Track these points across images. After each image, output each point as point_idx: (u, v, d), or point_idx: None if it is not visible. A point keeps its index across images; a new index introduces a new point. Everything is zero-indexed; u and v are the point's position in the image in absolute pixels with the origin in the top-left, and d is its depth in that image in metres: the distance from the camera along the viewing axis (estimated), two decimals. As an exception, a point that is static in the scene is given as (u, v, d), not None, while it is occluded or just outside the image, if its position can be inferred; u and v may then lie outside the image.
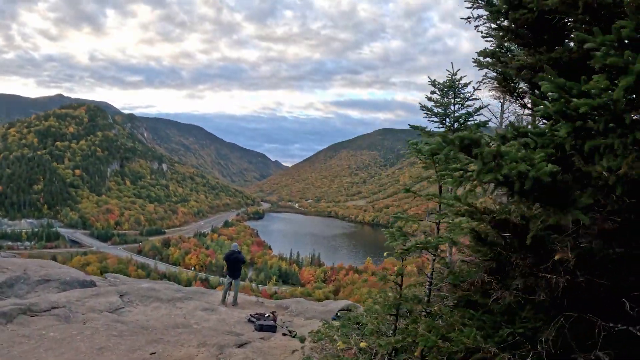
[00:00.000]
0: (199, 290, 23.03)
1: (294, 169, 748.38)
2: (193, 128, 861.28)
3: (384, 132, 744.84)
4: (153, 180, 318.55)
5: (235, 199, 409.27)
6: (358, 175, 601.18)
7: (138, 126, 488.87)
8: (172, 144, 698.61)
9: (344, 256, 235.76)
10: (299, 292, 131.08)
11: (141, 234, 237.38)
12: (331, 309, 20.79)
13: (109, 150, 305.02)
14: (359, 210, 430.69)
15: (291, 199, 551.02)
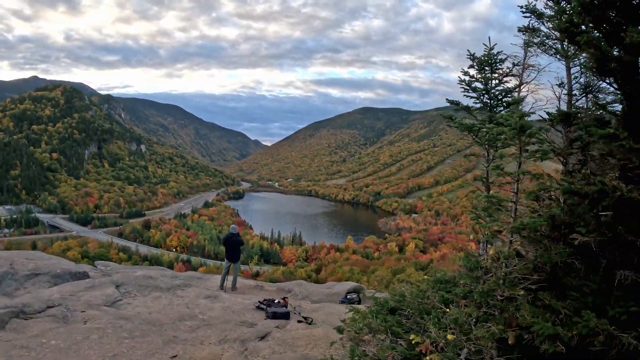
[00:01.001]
0: (195, 275, 22.13)
1: (273, 148, 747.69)
2: (171, 108, 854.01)
3: (364, 111, 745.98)
4: (132, 161, 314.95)
5: (215, 179, 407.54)
6: (338, 154, 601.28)
7: (115, 107, 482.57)
8: (150, 125, 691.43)
9: (324, 235, 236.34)
10: (280, 272, 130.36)
11: (121, 216, 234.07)
12: (337, 291, 20.02)
13: (86, 132, 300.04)
14: (339, 189, 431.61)
15: (271, 178, 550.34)
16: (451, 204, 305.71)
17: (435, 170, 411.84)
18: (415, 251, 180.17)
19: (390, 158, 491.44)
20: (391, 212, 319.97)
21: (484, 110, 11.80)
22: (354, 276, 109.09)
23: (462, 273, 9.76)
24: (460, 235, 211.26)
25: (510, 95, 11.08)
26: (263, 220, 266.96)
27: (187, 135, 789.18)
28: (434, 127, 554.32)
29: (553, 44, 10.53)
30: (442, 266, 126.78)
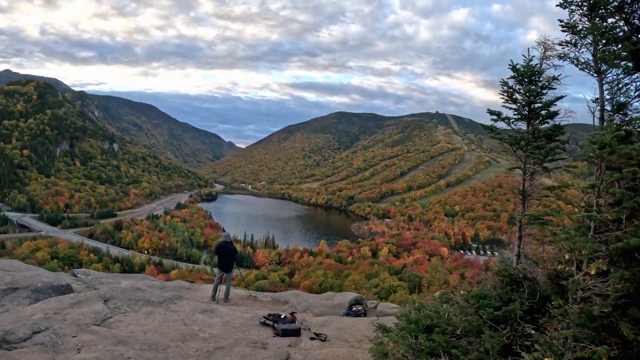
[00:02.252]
0: (183, 285, 20.80)
1: (247, 150, 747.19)
2: (146, 107, 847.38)
3: (339, 116, 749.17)
4: (104, 160, 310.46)
5: (188, 180, 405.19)
6: (312, 157, 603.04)
7: (89, 104, 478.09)
8: (124, 123, 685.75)
9: (298, 238, 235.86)
10: (253, 275, 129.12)
11: (92, 216, 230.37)
12: (339, 302, 18.84)
13: (59, 129, 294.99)
14: (313, 192, 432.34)
15: (244, 180, 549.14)
16: (424, 210, 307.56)
17: (408, 176, 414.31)
18: (389, 256, 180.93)
19: (364, 163, 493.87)
20: (364, 217, 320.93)
21: (519, 122, 11.64)
22: (328, 280, 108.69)
23: (497, 287, 9.28)
24: (433, 241, 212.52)
25: (548, 108, 11.04)
26: (236, 223, 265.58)
27: (161, 135, 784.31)
28: (408, 133, 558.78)
29: (586, 60, 10.76)
30: (416, 270, 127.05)
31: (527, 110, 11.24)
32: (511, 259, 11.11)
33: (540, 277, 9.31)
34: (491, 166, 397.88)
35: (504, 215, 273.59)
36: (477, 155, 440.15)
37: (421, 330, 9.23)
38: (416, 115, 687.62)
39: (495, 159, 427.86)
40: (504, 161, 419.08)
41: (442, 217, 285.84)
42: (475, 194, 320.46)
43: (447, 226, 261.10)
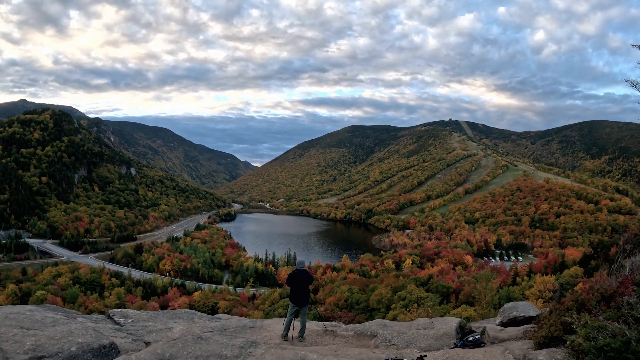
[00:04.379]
0: (244, 324, 17.53)
1: (263, 169, 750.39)
2: (160, 130, 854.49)
3: (352, 129, 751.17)
4: (122, 185, 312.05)
5: (206, 201, 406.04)
6: (328, 172, 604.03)
7: (104, 130, 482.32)
8: (139, 148, 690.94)
9: (319, 254, 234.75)
10: (277, 294, 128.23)
11: (112, 240, 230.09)
12: (445, 330, 16.03)
13: (76, 155, 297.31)
14: (331, 207, 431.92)
15: (262, 198, 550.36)
16: (444, 218, 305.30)
17: (426, 185, 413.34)
18: (413, 267, 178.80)
19: (380, 175, 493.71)
20: (384, 229, 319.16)
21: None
22: (354, 295, 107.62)
23: None
24: (456, 249, 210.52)
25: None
26: (256, 241, 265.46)
27: (177, 157, 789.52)
28: (423, 142, 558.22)
29: None
30: (442, 280, 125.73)
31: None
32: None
33: None
34: (509, 170, 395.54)
35: (525, 219, 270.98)
36: (493, 160, 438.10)
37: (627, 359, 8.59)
38: (430, 124, 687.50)
39: (513, 163, 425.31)
40: (522, 164, 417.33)
41: (463, 225, 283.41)
42: (494, 199, 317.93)
43: (468, 234, 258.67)
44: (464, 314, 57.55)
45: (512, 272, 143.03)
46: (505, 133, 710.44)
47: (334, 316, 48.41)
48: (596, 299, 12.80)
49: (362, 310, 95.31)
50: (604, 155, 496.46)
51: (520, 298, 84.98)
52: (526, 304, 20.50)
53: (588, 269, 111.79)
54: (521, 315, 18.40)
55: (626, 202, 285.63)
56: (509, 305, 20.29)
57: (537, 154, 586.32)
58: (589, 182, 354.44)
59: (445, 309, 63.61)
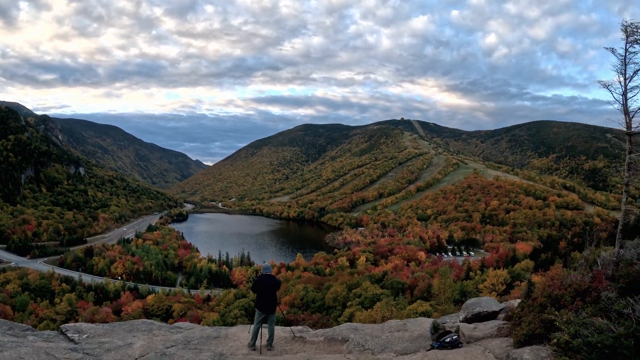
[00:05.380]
0: (208, 334, 16.44)
1: (215, 168, 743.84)
2: (110, 129, 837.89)
3: (305, 128, 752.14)
4: (70, 185, 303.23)
5: (158, 201, 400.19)
6: (280, 171, 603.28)
7: (52, 128, 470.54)
8: (89, 146, 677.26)
9: (273, 253, 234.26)
10: (232, 295, 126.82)
11: (61, 244, 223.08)
12: (420, 332, 15.64)
13: (22, 155, 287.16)
14: (284, 206, 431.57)
15: (214, 198, 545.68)
16: (396, 216, 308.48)
17: (378, 184, 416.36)
18: (367, 264, 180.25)
19: (332, 173, 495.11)
20: (337, 227, 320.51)
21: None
22: (309, 294, 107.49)
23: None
24: (409, 246, 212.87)
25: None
26: (209, 241, 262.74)
27: (127, 156, 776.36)
28: (375, 141, 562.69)
29: None
30: (397, 277, 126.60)
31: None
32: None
33: None
34: (459, 168, 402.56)
35: (476, 215, 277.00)
36: (444, 158, 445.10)
37: (622, 355, 8.51)
38: (382, 123, 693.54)
39: (463, 161, 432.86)
40: (472, 163, 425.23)
41: (415, 222, 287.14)
42: (446, 196, 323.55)
43: (421, 230, 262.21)
44: (420, 309, 57.93)
45: (465, 266, 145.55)
46: (456, 132, 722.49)
47: (298, 319, 47.70)
48: (570, 294, 12.79)
49: (318, 309, 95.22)
50: (552, 153, 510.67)
51: (474, 292, 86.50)
52: (489, 299, 20.60)
53: (539, 262, 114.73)
54: (485, 310, 18.41)
55: (573, 198, 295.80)
56: (472, 301, 20.29)
57: (487, 152, 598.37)
58: (537, 179, 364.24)
59: (403, 304, 63.69)
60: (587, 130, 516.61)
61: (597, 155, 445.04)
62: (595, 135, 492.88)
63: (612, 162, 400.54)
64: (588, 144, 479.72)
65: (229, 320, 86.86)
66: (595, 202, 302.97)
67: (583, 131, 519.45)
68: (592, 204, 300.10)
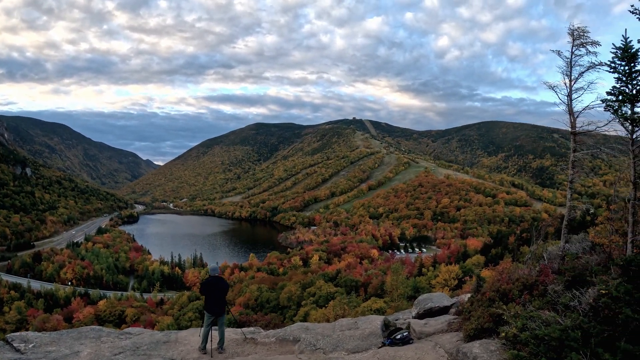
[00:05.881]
0: (157, 339, 16.07)
1: (166, 168, 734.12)
2: (58, 127, 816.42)
3: (257, 127, 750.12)
4: (17, 187, 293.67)
5: (107, 202, 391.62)
6: (232, 171, 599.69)
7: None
8: (35, 145, 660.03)
9: (226, 254, 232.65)
10: (186, 297, 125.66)
11: (8, 249, 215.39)
12: (371, 330, 15.76)
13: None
14: (236, 206, 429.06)
15: (165, 198, 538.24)
16: (348, 214, 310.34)
17: (330, 183, 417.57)
18: (320, 263, 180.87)
19: (284, 173, 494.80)
20: (290, 227, 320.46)
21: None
22: (263, 294, 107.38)
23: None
24: (361, 244, 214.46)
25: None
26: (161, 243, 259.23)
27: (75, 156, 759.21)
28: (327, 140, 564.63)
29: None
30: (350, 275, 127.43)
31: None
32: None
33: None
34: (411, 167, 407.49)
35: (427, 213, 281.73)
36: (396, 157, 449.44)
37: (569, 347, 8.88)
38: (334, 123, 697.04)
39: (414, 160, 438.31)
40: (423, 161, 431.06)
41: (368, 220, 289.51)
42: (397, 194, 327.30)
43: (373, 228, 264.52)
44: (374, 306, 58.53)
45: (418, 263, 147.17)
46: (407, 132, 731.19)
47: (250, 320, 47.61)
48: (518, 288, 13.16)
49: (273, 309, 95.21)
50: (501, 152, 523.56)
51: (427, 288, 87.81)
52: (440, 295, 21.04)
53: (489, 257, 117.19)
54: (436, 306, 18.84)
55: (521, 195, 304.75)
56: (424, 297, 20.65)
57: (437, 151, 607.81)
58: (486, 177, 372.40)
59: (356, 302, 64.32)
60: (534, 131, 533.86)
61: (544, 154, 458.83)
62: (542, 135, 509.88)
63: (558, 160, 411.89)
64: (536, 143, 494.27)
65: (184, 323, 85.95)
66: (542, 199, 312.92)
67: (531, 131, 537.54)
68: (540, 200, 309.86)
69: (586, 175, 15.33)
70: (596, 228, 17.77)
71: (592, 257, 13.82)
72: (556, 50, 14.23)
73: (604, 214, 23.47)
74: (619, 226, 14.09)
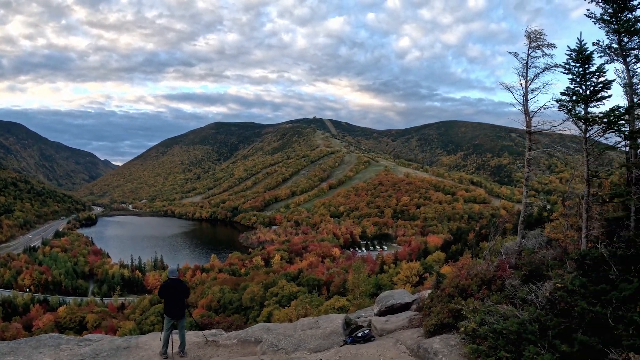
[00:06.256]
0: (117, 345, 15.73)
1: (125, 168, 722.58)
2: (13, 126, 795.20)
3: (217, 126, 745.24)
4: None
5: (65, 204, 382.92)
6: (192, 170, 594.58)
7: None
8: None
9: (187, 256, 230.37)
10: (147, 301, 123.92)
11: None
12: (332, 328, 15.76)
13: None
14: (196, 207, 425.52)
15: (124, 200, 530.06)
16: (309, 213, 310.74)
17: (290, 182, 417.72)
18: (282, 263, 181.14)
19: (245, 172, 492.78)
20: (251, 227, 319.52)
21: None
22: (226, 295, 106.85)
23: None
24: (323, 243, 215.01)
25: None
26: (120, 246, 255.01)
27: (31, 157, 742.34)
28: (287, 139, 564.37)
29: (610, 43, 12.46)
30: (312, 274, 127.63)
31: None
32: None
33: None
34: (371, 166, 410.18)
35: (387, 211, 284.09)
36: (356, 156, 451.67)
37: (527, 340, 9.25)
38: (294, 122, 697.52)
39: (375, 159, 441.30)
40: (383, 160, 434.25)
41: (329, 219, 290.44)
42: (358, 193, 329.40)
43: (334, 227, 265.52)
44: (337, 305, 58.77)
45: (379, 260, 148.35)
46: (367, 131, 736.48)
47: (212, 322, 47.14)
48: (477, 283, 13.46)
49: (236, 310, 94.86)
50: (460, 151, 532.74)
51: (389, 285, 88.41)
52: (401, 292, 21.31)
53: (449, 253, 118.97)
54: (398, 302, 19.05)
55: (480, 193, 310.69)
56: (385, 294, 20.88)
57: (397, 150, 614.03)
58: (445, 175, 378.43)
59: (319, 301, 64.47)
60: (493, 130, 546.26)
61: (502, 153, 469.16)
62: (500, 134, 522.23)
63: (516, 159, 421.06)
64: (494, 142, 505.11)
65: (146, 327, 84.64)
66: (501, 196, 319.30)
67: (489, 131, 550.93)
68: (498, 197, 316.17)
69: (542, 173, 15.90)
70: (552, 224, 18.30)
71: (548, 251, 14.23)
72: (513, 52, 14.65)
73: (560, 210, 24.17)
74: (573, 222, 14.54)
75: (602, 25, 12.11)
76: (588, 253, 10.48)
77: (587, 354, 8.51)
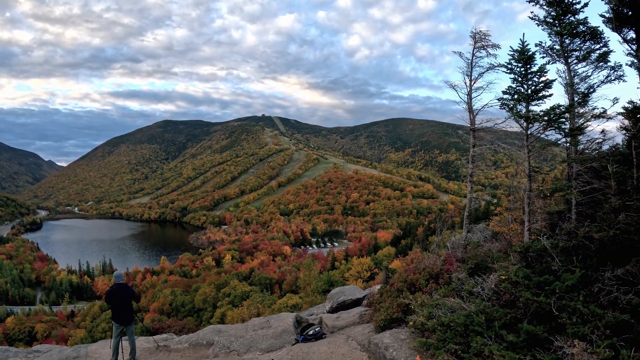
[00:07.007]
0: (66, 356, 15.27)
1: (70, 169, 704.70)
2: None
3: (164, 124, 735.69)
4: None
5: (8, 209, 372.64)
6: (139, 170, 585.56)
7: None
8: None
9: (136, 259, 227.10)
10: (97, 307, 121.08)
11: None
12: (283, 327, 15.65)
13: None
14: (144, 207, 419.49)
15: (70, 202, 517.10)
16: (259, 212, 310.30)
17: (239, 180, 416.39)
18: (233, 262, 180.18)
19: (193, 171, 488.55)
20: (201, 227, 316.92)
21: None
22: (178, 298, 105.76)
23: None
24: (273, 241, 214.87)
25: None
26: (67, 251, 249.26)
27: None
28: (236, 137, 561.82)
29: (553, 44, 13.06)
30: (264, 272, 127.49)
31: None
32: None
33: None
34: (320, 163, 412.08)
35: (337, 208, 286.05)
36: (305, 154, 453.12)
37: (474, 331, 9.59)
38: (243, 120, 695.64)
39: (324, 156, 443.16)
40: (332, 157, 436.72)
41: (278, 217, 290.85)
42: (307, 191, 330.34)
43: (284, 225, 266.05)
44: (290, 302, 59.08)
45: (330, 257, 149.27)
46: (316, 129, 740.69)
47: (163, 327, 46.55)
48: (425, 278, 13.78)
49: (189, 312, 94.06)
50: (408, 148, 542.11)
51: (341, 281, 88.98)
52: (352, 288, 21.54)
53: (399, 248, 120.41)
54: (349, 298, 19.29)
55: (428, 188, 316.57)
56: (336, 291, 21.09)
57: (346, 147, 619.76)
58: (394, 172, 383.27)
59: (272, 299, 64.59)
60: (440, 127, 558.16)
61: (449, 149, 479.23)
62: (448, 131, 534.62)
63: (463, 155, 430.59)
64: (441, 139, 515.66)
65: (97, 335, 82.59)
66: (448, 191, 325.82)
67: (437, 128, 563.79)
68: (446, 192, 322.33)
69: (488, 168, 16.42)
70: (496, 218, 18.87)
71: (493, 244, 14.69)
72: (458, 52, 15.05)
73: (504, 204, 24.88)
74: (517, 215, 15.04)
75: (545, 27, 12.57)
76: (531, 245, 10.88)
77: (533, 343, 8.86)
